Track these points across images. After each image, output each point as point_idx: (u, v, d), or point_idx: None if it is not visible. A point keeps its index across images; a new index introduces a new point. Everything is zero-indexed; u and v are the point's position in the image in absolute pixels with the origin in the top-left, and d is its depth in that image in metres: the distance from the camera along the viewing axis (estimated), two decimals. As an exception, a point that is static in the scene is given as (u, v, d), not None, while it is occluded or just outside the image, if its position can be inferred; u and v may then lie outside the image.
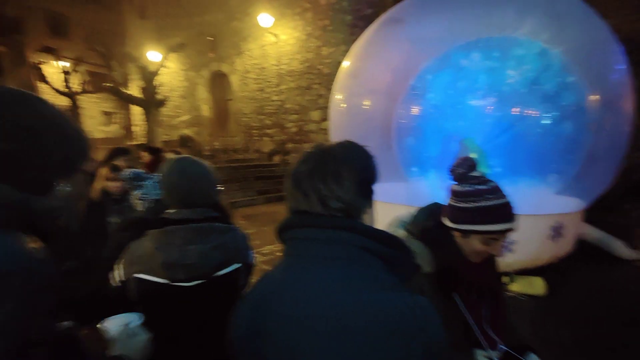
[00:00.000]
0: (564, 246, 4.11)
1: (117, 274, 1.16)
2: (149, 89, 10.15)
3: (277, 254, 5.06)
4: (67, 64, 12.56)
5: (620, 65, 4.04)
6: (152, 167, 4.35)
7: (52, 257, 0.71)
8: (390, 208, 4.43)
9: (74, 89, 12.57)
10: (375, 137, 4.51)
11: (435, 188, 4.99)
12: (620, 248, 4.71)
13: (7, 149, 0.65)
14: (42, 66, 12.04)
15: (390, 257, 0.67)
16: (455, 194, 1.16)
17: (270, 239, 5.72)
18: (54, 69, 13.07)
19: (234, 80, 13.54)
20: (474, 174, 1.16)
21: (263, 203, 9.34)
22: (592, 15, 4.28)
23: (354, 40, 9.46)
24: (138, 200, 1.40)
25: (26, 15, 17.24)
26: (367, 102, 4.74)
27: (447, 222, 1.15)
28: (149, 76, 10.21)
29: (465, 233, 1.11)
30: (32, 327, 0.64)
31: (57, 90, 12.35)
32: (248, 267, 1.31)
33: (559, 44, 3.98)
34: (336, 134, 5.04)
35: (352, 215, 0.69)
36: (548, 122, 4.19)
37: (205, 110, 14.95)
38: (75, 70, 12.69)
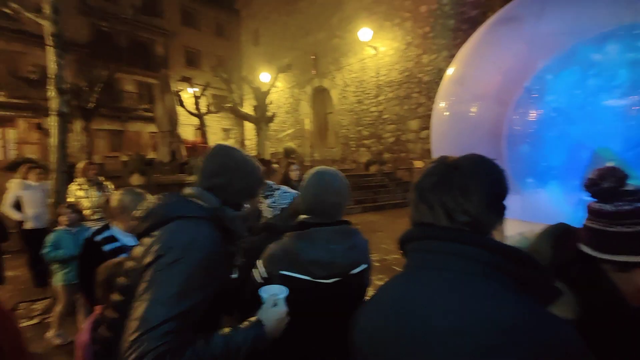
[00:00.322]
0: None
1: (259, 272, 1.30)
2: (261, 107, 11.38)
3: (376, 264, 5.08)
4: (197, 90, 15.00)
5: None
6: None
7: (236, 249, 1.14)
8: (506, 224, 4.02)
9: (202, 111, 14.91)
10: (483, 145, 4.16)
11: (558, 202, 4.35)
12: None
13: (221, 182, 1.08)
14: (181, 93, 14.66)
15: (524, 277, 0.63)
16: (602, 215, 0.91)
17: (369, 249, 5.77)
18: (187, 94, 15.77)
19: (334, 94, 14.17)
20: (628, 188, 0.90)
21: (360, 212, 9.46)
22: None
23: (457, 45, 8.99)
24: (268, 208, 1.61)
25: (170, 52, 21.24)
26: (473, 109, 4.45)
27: (593, 252, 0.91)
28: (260, 96, 11.46)
29: (625, 266, 0.87)
30: (216, 279, 0.97)
31: (190, 112, 14.84)
32: (370, 269, 1.41)
33: None
34: (439, 143, 4.83)
35: (480, 231, 0.67)
36: None
37: (307, 123, 15.97)
38: (203, 95, 15.05)
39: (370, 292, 1.13)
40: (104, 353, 1.06)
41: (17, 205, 4.53)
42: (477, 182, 0.67)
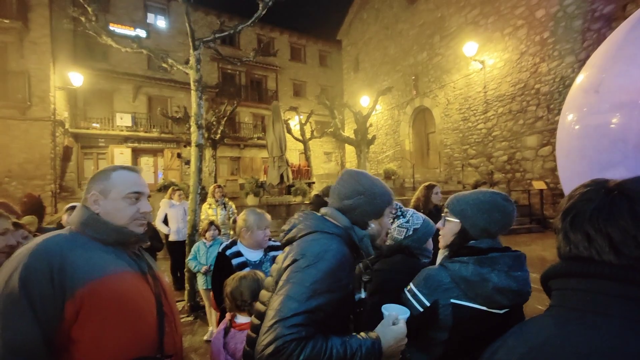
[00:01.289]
0: None
1: (415, 300, 1.25)
2: (361, 130, 11.66)
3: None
4: (302, 117, 16.24)
5: None
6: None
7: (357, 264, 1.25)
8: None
9: (306, 136, 16.02)
10: (629, 162, 3.48)
11: None
12: None
13: (350, 204, 1.19)
14: (289, 121, 16.08)
15: None
16: None
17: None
18: (294, 122, 17.20)
19: (436, 113, 13.64)
20: None
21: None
22: None
23: (585, 49, 7.83)
24: (399, 228, 1.61)
25: (280, 86, 23.66)
26: (614, 119, 3.77)
27: None
28: (361, 119, 11.77)
29: None
30: (342, 287, 1.05)
31: (295, 138, 16.10)
32: None
33: None
34: (567, 161, 4.20)
35: None
36: None
37: (407, 144, 15.65)
38: (308, 122, 16.21)
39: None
40: None
41: (165, 221, 5.57)
42: None
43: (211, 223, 3.84)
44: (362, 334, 1.03)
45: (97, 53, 16.65)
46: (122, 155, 16.70)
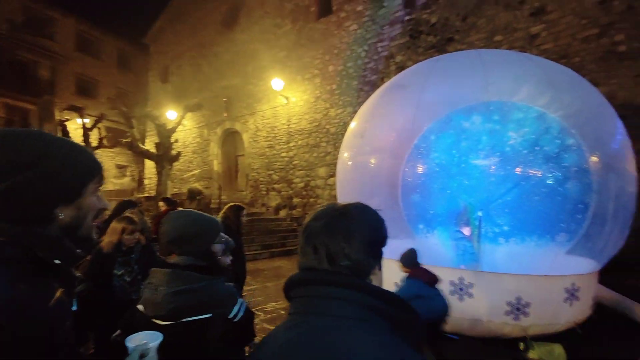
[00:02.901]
0: (582, 310, 3.91)
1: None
2: (165, 144, 10.64)
3: (282, 312, 4.87)
4: (87, 121, 13.35)
5: (618, 129, 4.21)
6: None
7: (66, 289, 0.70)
8: (397, 265, 4.35)
9: (92, 144, 13.22)
10: (382, 193, 4.60)
11: (444, 245, 4.92)
12: (642, 314, 4.45)
13: (6, 187, 0.64)
14: (68, 123, 12.84)
15: (398, 319, 0.67)
16: None
17: (274, 296, 5.54)
18: (76, 125, 13.91)
19: (245, 137, 14.16)
20: None
21: (267, 258, 9.19)
22: (585, 83, 4.57)
23: (360, 103, 10.00)
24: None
25: (58, 78, 18.82)
26: (373, 160, 4.91)
27: None
28: (165, 133, 10.76)
29: None
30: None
31: (77, 145, 13.00)
32: (224, 321, 1.29)
33: (556, 110, 4.20)
34: (343, 189, 5.14)
35: (360, 275, 0.70)
36: (551, 182, 4.25)
37: (216, 165, 15.44)
38: (96, 127, 13.46)
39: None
40: None
41: None
42: (360, 228, 0.71)
43: None
44: None
45: None
46: None
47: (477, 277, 3.85)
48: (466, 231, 4.61)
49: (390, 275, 4.31)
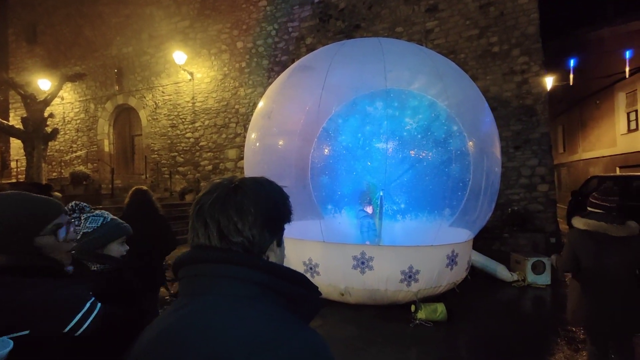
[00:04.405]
0: (459, 272, 4.60)
1: None
2: (35, 120, 8.84)
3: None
4: None
5: (490, 119, 4.95)
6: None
7: None
8: (307, 245, 4.48)
9: None
10: (290, 175, 4.61)
11: (350, 225, 5.23)
12: (502, 271, 5.47)
13: None
14: None
15: (294, 295, 0.65)
16: None
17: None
18: None
19: (143, 115, 12.68)
20: None
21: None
22: (467, 77, 5.23)
23: (270, 84, 9.82)
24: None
25: None
26: (281, 142, 4.87)
27: None
28: (35, 106, 8.94)
29: None
30: None
31: None
32: (57, 338, 1.02)
33: (444, 100, 4.72)
34: (251, 171, 5.01)
35: (253, 251, 0.66)
36: (439, 163, 4.82)
37: (107, 145, 13.55)
38: None
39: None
40: None
41: None
42: (256, 202, 0.67)
43: None
44: None
45: None
46: None
47: (377, 251, 4.20)
48: (369, 210, 4.97)
49: (299, 255, 4.43)
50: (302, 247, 4.39)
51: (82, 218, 1.55)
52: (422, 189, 4.95)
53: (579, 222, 2.42)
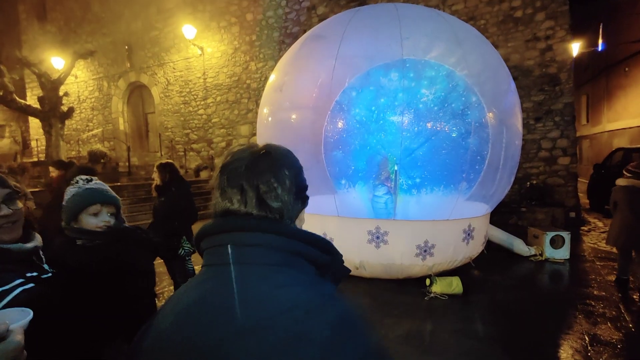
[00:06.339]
0: (475, 247, 4.55)
1: None
2: (51, 99, 8.94)
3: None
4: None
5: (511, 89, 4.71)
6: (59, 182, 3.85)
7: None
8: (322, 220, 4.48)
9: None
10: (304, 150, 4.55)
11: (364, 199, 5.19)
12: (520, 245, 5.40)
13: None
14: None
15: (323, 262, 0.65)
16: None
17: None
18: None
19: (155, 92, 12.68)
20: None
21: (189, 222, 8.74)
22: (488, 44, 4.94)
23: (281, 56, 9.58)
24: None
25: None
26: (294, 116, 4.78)
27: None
28: (50, 85, 9.00)
29: None
30: None
31: None
32: None
33: (462, 68, 4.50)
34: (265, 148, 4.95)
35: (287, 218, 0.65)
36: (456, 135, 4.67)
37: (122, 123, 13.69)
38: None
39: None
40: None
41: None
42: (288, 168, 0.67)
43: None
44: None
45: None
46: None
47: (392, 226, 4.17)
48: (385, 184, 4.90)
49: (314, 230, 4.43)
50: (317, 222, 4.40)
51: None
52: (438, 162, 4.82)
53: (621, 181, 4.00)
